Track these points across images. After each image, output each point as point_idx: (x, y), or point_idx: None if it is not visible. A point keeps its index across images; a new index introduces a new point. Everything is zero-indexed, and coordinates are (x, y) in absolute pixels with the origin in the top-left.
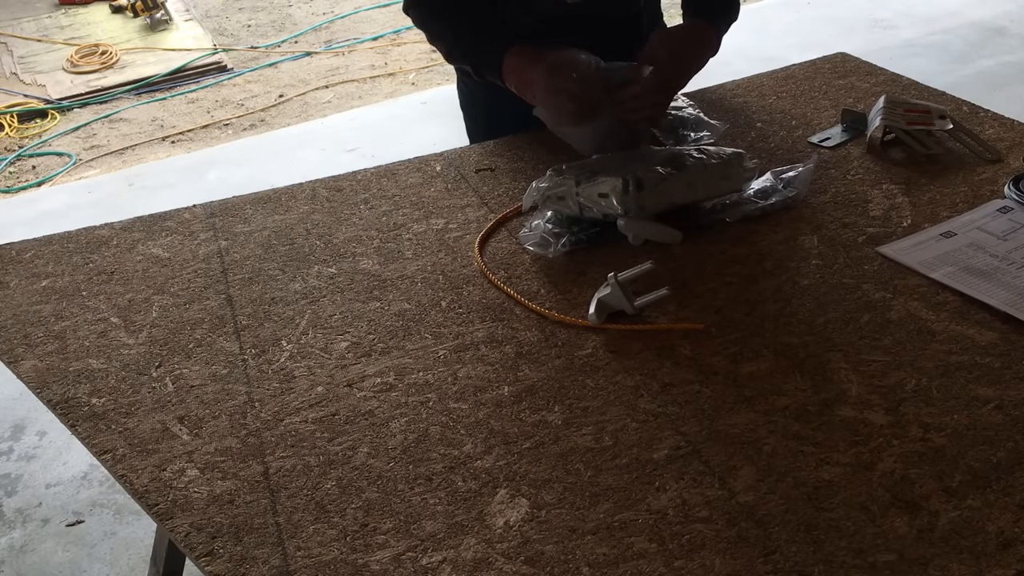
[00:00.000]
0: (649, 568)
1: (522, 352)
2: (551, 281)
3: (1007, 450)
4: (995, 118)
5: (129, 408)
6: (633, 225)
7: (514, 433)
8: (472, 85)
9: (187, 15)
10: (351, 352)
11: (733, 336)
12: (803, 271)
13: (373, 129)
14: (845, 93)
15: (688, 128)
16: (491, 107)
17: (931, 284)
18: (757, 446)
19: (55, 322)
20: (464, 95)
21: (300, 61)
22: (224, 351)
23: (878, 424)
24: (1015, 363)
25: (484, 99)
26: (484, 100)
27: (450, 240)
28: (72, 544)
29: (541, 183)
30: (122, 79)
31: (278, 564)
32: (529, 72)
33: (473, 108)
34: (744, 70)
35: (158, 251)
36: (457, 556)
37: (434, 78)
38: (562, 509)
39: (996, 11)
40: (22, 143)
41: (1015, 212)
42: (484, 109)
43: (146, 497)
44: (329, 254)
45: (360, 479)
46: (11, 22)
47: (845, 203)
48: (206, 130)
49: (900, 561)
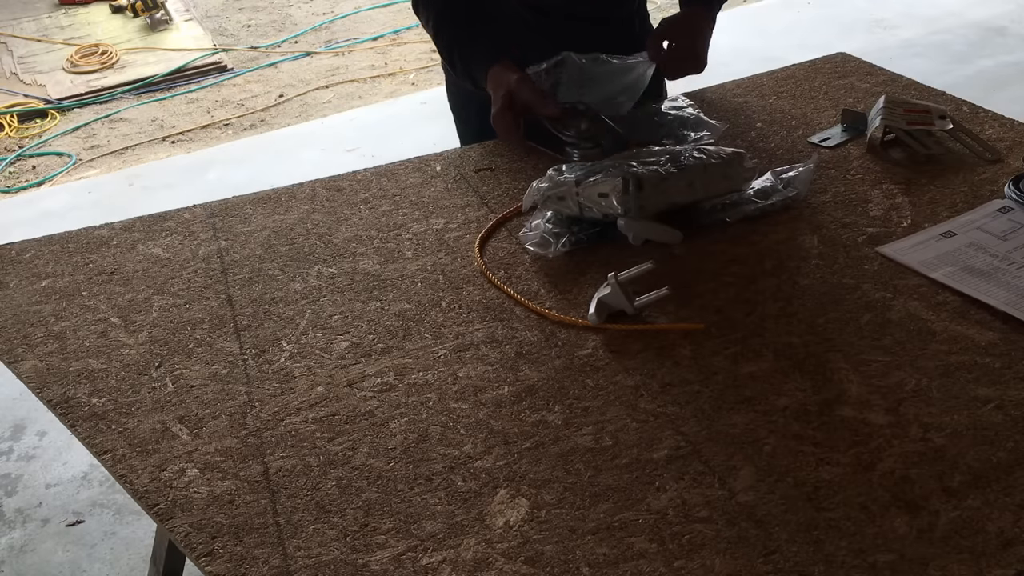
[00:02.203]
0: (649, 568)
1: (522, 352)
2: (551, 281)
3: (1007, 450)
4: (995, 118)
5: (129, 408)
6: (633, 225)
7: (514, 433)
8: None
9: (187, 15)
10: (351, 352)
11: (733, 336)
12: (803, 271)
13: (373, 129)
14: (845, 93)
15: (688, 128)
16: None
17: (931, 284)
18: (757, 446)
19: (55, 322)
20: (455, 97)
21: (300, 61)
22: (224, 351)
23: (878, 424)
24: (1015, 363)
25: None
26: (477, 102)
27: (450, 240)
28: (72, 544)
29: (541, 183)
30: (122, 79)
31: (278, 564)
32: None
33: (464, 110)
34: (744, 70)
35: (158, 251)
36: (457, 556)
37: (434, 78)
38: (562, 509)
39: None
40: (22, 143)
41: (1015, 212)
42: (476, 112)
43: (146, 497)
44: (329, 254)
45: (360, 479)
46: (11, 22)
47: (845, 203)
48: (206, 130)
49: (900, 561)
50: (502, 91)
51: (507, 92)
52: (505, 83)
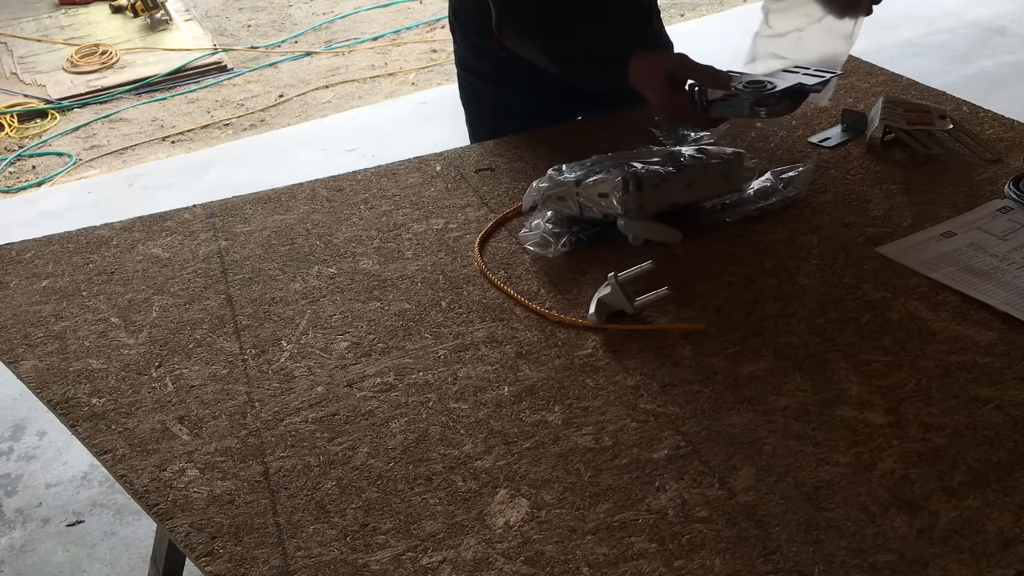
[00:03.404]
0: (649, 568)
1: (522, 352)
2: (551, 281)
3: (1007, 450)
4: (995, 118)
5: (129, 408)
6: (633, 225)
7: (514, 433)
8: (479, 84)
9: (187, 15)
10: (351, 352)
11: (733, 336)
12: (803, 271)
13: (373, 129)
14: (845, 93)
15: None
16: (497, 109)
17: (931, 284)
18: (757, 446)
19: (55, 322)
20: (468, 95)
21: (300, 61)
22: (224, 351)
23: (878, 424)
24: (1015, 363)
25: (491, 99)
26: (491, 100)
27: (450, 240)
28: (72, 544)
29: (541, 183)
30: (122, 79)
31: (278, 564)
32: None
33: (477, 109)
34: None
35: (158, 251)
36: (457, 556)
37: (434, 78)
38: (562, 509)
39: (996, 11)
40: (22, 143)
41: (1015, 212)
42: (490, 111)
43: (146, 497)
44: (329, 254)
45: (360, 479)
46: (11, 22)
47: (845, 203)
48: (206, 130)
49: (900, 561)
50: (659, 76)
51: (666, 75)
52: (660, 67)
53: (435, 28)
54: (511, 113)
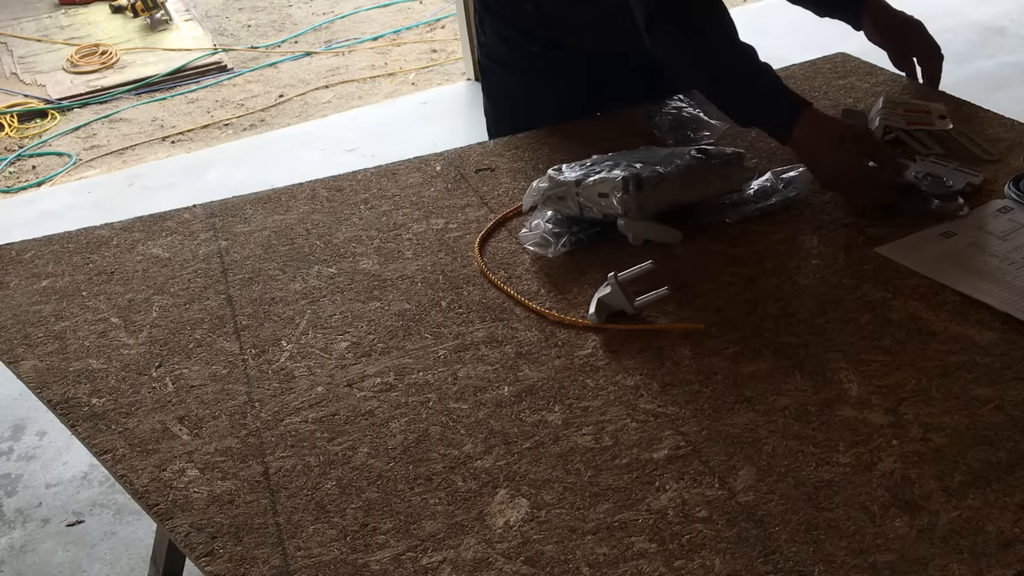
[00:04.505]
0: (649, 568)
1: (522, 352)
2: (551, 281)
3: (1007, 450)
4: (995, 118)
5: (129, 408)
6: (633, 225)
7: (514, 433)
8: (508, 77)
9: (187, 15)
10: (351, 352)
11: (733, 336)
12: (803, 271)
13: (373, 129)
14: (845, 93)
15: (688, 128)
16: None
17: (931, 284)
18: (757, 446)
19: (55, 322)
20: (495, 87)
21: (300, 61)
22: (224, 351)
23: (878, 424)
24: (1015, 363)
25: (521, 92)
26: (521, 93)
27: (450, 240)
28: (72, 544)
29: (541, 183)
30: (122, 79)
31: (278, 564)
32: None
33: (499, 109)
34: None
35: (158, 251)
36: (457, 556)
37: (434, 78)
38: (562, 509)
39: (996, 11)
40: (22, 143)
41: (1015, 212)
42: (510, 110)
43: (146, 497)
44: (329, 254)
45: (360, 479)
46: (11, 22)
47: (845, 203)
48: (206, 130)
49: (900, 561)
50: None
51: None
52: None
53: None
54: (541, 105)
